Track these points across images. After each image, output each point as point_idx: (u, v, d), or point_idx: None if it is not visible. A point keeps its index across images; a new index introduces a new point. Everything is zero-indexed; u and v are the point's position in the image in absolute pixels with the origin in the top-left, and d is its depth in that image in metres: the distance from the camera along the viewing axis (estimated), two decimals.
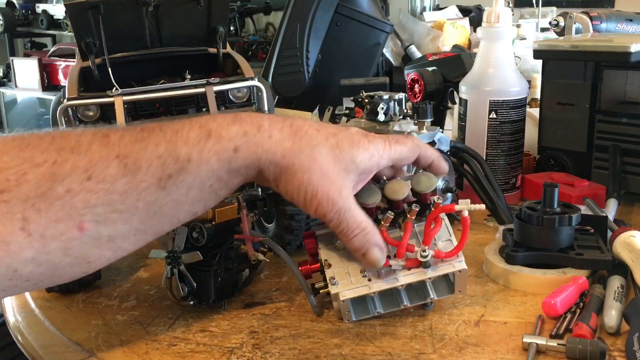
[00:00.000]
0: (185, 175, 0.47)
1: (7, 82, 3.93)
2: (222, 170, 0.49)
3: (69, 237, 0.44)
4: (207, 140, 0.48)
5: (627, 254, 0.65)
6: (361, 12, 1.31)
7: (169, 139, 0.47)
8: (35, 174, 0.43)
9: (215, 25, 0.81)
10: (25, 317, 0.65)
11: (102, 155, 0.45)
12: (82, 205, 0.44)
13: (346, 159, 0.53)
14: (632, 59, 0.87)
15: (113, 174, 0.45)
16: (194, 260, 0.62)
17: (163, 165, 0.46)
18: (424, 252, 0.58)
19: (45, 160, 0.43)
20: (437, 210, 0.59)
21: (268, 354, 0.55)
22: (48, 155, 0.43)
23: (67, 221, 0.43)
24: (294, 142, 0.51)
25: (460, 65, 1.06)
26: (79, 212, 0.44)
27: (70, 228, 0.43)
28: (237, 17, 3.78)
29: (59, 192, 0.43)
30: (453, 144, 0.84)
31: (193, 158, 0.47)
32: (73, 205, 0.43)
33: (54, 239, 0.43)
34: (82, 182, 0.43)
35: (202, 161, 0.48)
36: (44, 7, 4.20)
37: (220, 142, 0.49)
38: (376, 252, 0.56)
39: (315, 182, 0.51)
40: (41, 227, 0.42)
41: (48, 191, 0.43)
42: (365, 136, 0.55)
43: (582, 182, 0.91)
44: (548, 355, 0.54)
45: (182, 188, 0.48)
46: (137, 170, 0.45)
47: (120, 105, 0.69)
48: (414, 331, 0.59)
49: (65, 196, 0.43)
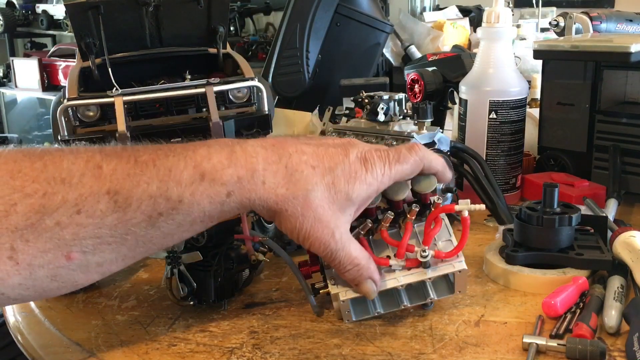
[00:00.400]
0: (175, 215, 0.47)
1: (7, 82, 3.92)
2: (214, 211, 0.49)
3: (56, 265, 0.44)
4: (200, 182, 0.48)
5: (627, 254, 0.65)
6: (361, 12, 1.31)
7: (161, 177, 0.47)
8: (24, 204, 0.43)
9: (215, 25, 0.81)
10: (25, 317, 0.65)
11: (93, 189, 0.45)
12: (71, 237, 0.44)
13: (342, 198, 0.52)
14: (632, 59, 0.87)
15: (103, 210, 0.45)
16: (194, 260, 0.62)
17: (154, 204, 0.46)
18: (424, 252, 0.58)
19: (36, 191, 0.43)
20: (437, 211, 0.59)
21: (268, 354, 0.55)
22: (39, 185, 0.43)
23: (55, 251, 0.44)
24: (288, 188, 0.50)
25: (460, 65, 1.06)
26: (67, 243, 0.44)
27: (58, 257, 0.44)
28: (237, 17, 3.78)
29: (48, 224, 0.43)
30: (453, 144, 0.83)
31: (185, 200, 0.47)
32: (62, 237, 0.44)
33: (41, 267, 0.44)
34: (71, 216, 0.44)
35: (194, 203, 0.48)
36: (44, 7, 4.19)
37: (213, 186, 0.48)
38: (368, 285, 0.56)
39: (308, 227, 0.51)
40: (29, 256, 0.43)
41: (37, 223, 0.43)
42: (364, 163, 0.53)
43: (582, 182, 0.91)
44: (548, 356, 0.54)
45: (172, 225, 0.48)
46: (128, 208, 0.45)
47: (121, 105, 0.69)
48: (414, 331, 0.59)
49: (54, 228, 0.43)
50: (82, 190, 0.44)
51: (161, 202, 0.46)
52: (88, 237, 0.45)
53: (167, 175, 0.47)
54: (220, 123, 0.72)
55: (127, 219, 0.46)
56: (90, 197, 0.44)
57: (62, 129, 0.70)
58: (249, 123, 0.75)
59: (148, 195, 0.46)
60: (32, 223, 0.43)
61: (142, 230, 0.46)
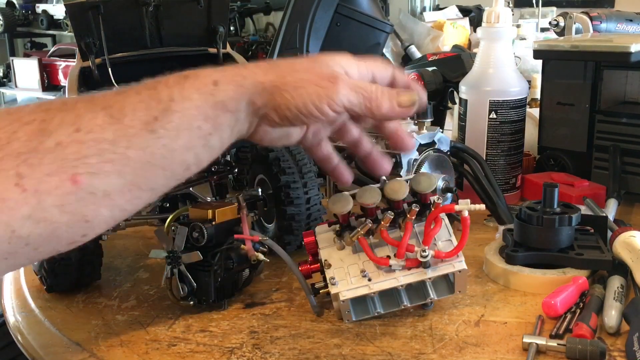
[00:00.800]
0: (171, 115, 0.47)
1: (7, 82, 3.93)
2: (207, 105, 0.49)
3: (63, 191, 0.44)
4: (185, 80, 0.49)
5: (627, 254, 0.65)
6: (361, 12, 1.31)
7: (149, 86, 0.48)
8: (25, 130, 0.43)
9: (215, 25, 0.81)
10: (25, 317, 0.65)
11: (88, 108, 0.46)
12: (74, 156, 0.44)
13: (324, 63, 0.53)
14: (632, 59, 0.87)
15: (100, 124, 0.45)
16: (194, 260, 0.62)
17: (147, 108, 0.47)
18: (424, 252, 0.58)
19: (34, 119, 0.44)
20: (437, 210, 0.59)
21: (268, 354, 0.55)
22: (36, 115, 0.44)
23: (60, 174, 0.43)
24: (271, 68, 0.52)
25: (460, 65, 1.06)
26: (71, 163, 0.44)
27: (63, 181, 0.44)
28: (237, 17, 3.78)
29: (49, 145, 0.43)
30: (453, 144, 0.84)
31: (175, 97, 0.48)
32: (65, 157, 0.44)
33: (48, 193, 0.43)
34: (71, 134, 0.44)
35: (184, 98, 0.48)
36: (44, 7, 4.20)
37: (197, 79, 0.49)
38: (405, 93, 0.53)
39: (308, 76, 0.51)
40: (35, 181, 0.43)
41: (39, 145, 0.43)
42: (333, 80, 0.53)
43: (582, 182, 0.91)
44: (548, 355, 0.54)
45: (171, 130, 0.47)
46: (123, 117, 0.46)
47: None
48: (414, 331, 0.59)
49: (56, 149, 0.43)
50: (79, 112, 0.45)
51: (154, 105, 0.47)
52: (90, 155, 0.44)
53: (154, 84, 0.49)
54: None
55: (125, 128, 0.46)
56: (86, 115, 0.45)
57: None
58: None
59: (139, 100, 0.47)
60: (34, 147, 0.43)
61: (142, 141, 0.46)
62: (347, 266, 0.60)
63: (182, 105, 0.48)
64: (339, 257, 0.61)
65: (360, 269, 0.59)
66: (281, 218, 0.73)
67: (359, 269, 0.59)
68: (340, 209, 0.58)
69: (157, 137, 0.47)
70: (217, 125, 0.50)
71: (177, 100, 0.48)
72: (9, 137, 0.43)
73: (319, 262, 0.61)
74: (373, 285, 0.58)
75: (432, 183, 0.59)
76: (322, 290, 0.60)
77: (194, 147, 0.49)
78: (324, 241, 0.61)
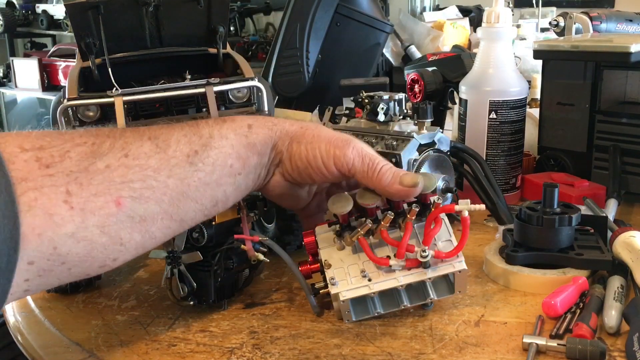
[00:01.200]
0: (209, 150, 0.52)
1: (7, 82, 3.92)
2: (240, 145, 0.54)
3: (106, 212, 0.46)
4: (223, 122, 0.55)
5: (627, 254, 0.65)
6: (361, 12, 1.31)
7: (190, 124, 0.53)
8: (77, 151, 0.46)
9: (215, 25, 0.81)
10: (25, 317, 0.65)
11: (136, 137, 0.49)
12: (120, 179, 0.47)
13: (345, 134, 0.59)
14: (632, 59, 0.87)
15: (147, 152, 0.49)
16: (194, 260, 0.62)
17: (190, 142, 0.51)
18: (424, 252, 0.58)
19: (85, 141, 0.47)
20: (437, 211, 0.59)
21: (268, 354, 0.55)
22: (87, 138, 0.47)
23: (106, 195, 0.46)
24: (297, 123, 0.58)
25: (460, 65, 1.06)
26: (117, 186, 0.46)
27: (108, 202, 0.46)
28: (237, 17, 3.78)
29: (99, 167, 0.46)
30: (453, 144, 0.84)
31: (214, 134, 0.53)
32: (112, 179, 0.46)
33: (92, 213, 0.45)
34: (119, 159, 0.47)
35: (222, 136, 0.53)
36: (44, 7, 4.20)
37: (234, 122, 0.55)
38: (410, 175, 0.57)
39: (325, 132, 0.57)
40: (82, 200, 0.44)
41: (90, 166, 0.46)
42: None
43: (582, 182, 0.91)
44: (548, 356, 0.54)
45: (208, 165, 0.52)
46: (168, 148, 0.50)
47: (120, 105, 0.69)
48: (414, 331, 0.59)
49: (105, 171, 0.46)
50: (127, 139, 0.49)
51: (195, 140, 0.52)
52: (135, 180, 0.47)
53: (194, 123, 0.54)
54: None
55: (168, 158, 0.50)
56: (134, 142, 0.49)
57: (62, 129, 0.70)
58: None
59: (183, 134, 0.52)
60: (85, 167, 0.45)
61: (182, 171, 0.50)
62: (347, 266, 0.60)
63: (220, 142, 0.53)
64: (339, 257, 0.61)
65: (360, 269, 0.59)
66: (281, 218, 0.73)
67: (359, 269, 0.59)
68: (340, 209, 0.58)
69: (195, 170, 0.51)
70: (246, 166, 0.55)
71: (216, 137, 0.53)
72: (62, 155, 0.45)
73: (318, 262, 0.61)
74: (373, 286, 0.58)
75: (433, 183, 0.59)
76: (322, 291, 0.60)
77: (224, 183, 0.53)
78: (323, 241, 0.61)
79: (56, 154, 0.45)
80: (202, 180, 0.51)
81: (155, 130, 0.51)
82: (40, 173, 0.43)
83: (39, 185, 0.43)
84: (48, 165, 0.44)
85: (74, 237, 0.44)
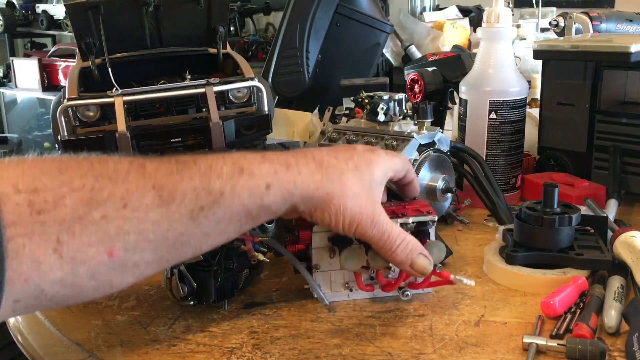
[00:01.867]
0: (217, 209, 0.48)
1: (7, 82, 3.92)
2: (254, 206, 0.50)
3: (98, 261, 0.44)
4: (239, 175, 0.50)
5: (628, 254, 0.65)
6: (361, 12, 1.31)
7: (203, 172, 0.48)
8: (73, 198, 0.43)
9: (215, 25, 0.81)
10: (25, 317, 0.65)
11: (139, 184, 0.46)
12: (116, 231, 0.44)
13: (367, 179, 0.56)
14: (632, 59, 0.87)
15: (148, 204, 0.45)
16: (194, 260, 0.62)
17: (197, 198, 0.47)
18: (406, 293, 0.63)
19: (84, 185, 0.44)
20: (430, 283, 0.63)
21: (268, 354, 0.55)
22: (86, 180, 0.44)
23: (99, 246, 0.44)
24: (323, 174, 0.54)
25: (460, 66, 1.06)
26: (111, 238, 0.44)
27: (100, 253, 0.44)
28: (237, 17, 3.78)
29: (94, 217, 0.43)
30: (453, 144, 0.84)
31: (226, 192, 0.49)
32: (107, 231, 0.44)
33: (83, 262, 0.43)
34: (118, 210, 0.44)
35: (234, 195, 0.49)
36: (44, 7, 4.19)
37: (252, 178, 0.50)
38: (422, 260, 0.58)
39: (351, 206, 0.54)
40: (73, 249, 0.43)
41: (85, 215, 0.43)
42: (371, 152, 0.59)
43: (582, 182, 0.91)
44: (548, 356, 0.54)
45: (212, 221, 0.49)
46: (172, 202, 0.46)
47: (120, 105, 0.69)
48: (414, 331, 0.59)
49: (100, 221, 0.44)
50: (129, 186, 0.45)
51: (203, 196, 0.48)
52: (131, 232, 0.45)
53: (208, 170, 0.49)
54: (220, 123, 0.72)
55: (170, 213, 0.46)
56: (136, 192, 0.45)
57: (62, 129, 0.70)
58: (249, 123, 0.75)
59: (192, 188, 0.47)
60: (79, 216, 0.43)
61: (182, 227, 0.47)
62: (333, 272, 0.63)
63: (231, 202, 0.49)
64: (329, 261, 0.63)
65: (345, 281, 0.63)
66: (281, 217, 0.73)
67: (343, 279, 0.63)
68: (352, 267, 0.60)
69: (198, 225, 0.48)
70: (256, 221, 0.52)
71: (227, 196, 0.49)
72: (56, 201, 0.42)
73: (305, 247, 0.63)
74: (352, 295, 0.64)
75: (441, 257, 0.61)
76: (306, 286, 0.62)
77: (227, 232, 0.51)
78: (318, 241, 0.62)
79: (50, 199, 0.42)
80: (205, 233, 0.49)
81: (162, 177, 0.47)
82: (32, 219, 0.41)
83: (29, 232, 0.41)
84: (40, 211, 0.42)
85: (61, 283, 0.43)
